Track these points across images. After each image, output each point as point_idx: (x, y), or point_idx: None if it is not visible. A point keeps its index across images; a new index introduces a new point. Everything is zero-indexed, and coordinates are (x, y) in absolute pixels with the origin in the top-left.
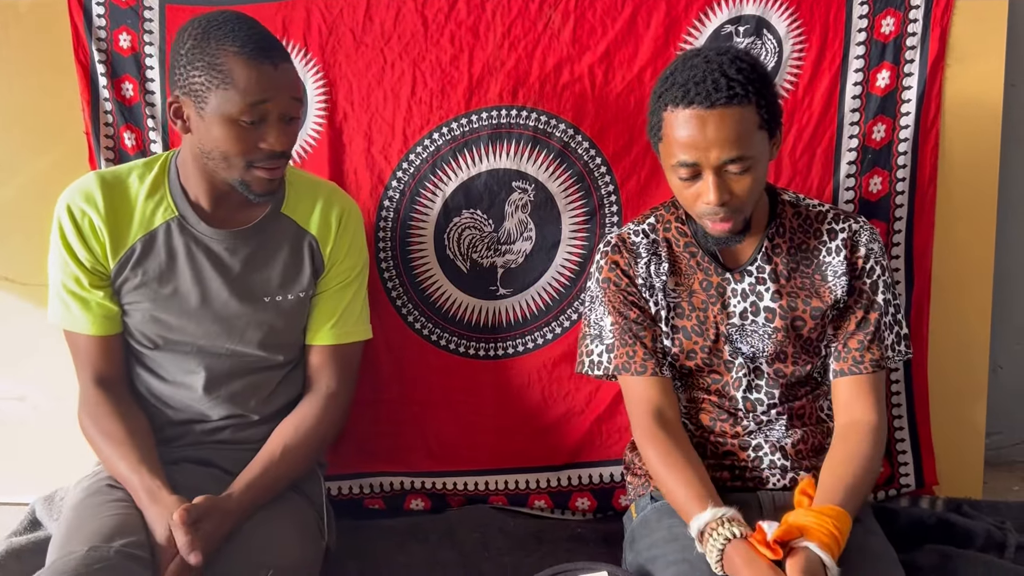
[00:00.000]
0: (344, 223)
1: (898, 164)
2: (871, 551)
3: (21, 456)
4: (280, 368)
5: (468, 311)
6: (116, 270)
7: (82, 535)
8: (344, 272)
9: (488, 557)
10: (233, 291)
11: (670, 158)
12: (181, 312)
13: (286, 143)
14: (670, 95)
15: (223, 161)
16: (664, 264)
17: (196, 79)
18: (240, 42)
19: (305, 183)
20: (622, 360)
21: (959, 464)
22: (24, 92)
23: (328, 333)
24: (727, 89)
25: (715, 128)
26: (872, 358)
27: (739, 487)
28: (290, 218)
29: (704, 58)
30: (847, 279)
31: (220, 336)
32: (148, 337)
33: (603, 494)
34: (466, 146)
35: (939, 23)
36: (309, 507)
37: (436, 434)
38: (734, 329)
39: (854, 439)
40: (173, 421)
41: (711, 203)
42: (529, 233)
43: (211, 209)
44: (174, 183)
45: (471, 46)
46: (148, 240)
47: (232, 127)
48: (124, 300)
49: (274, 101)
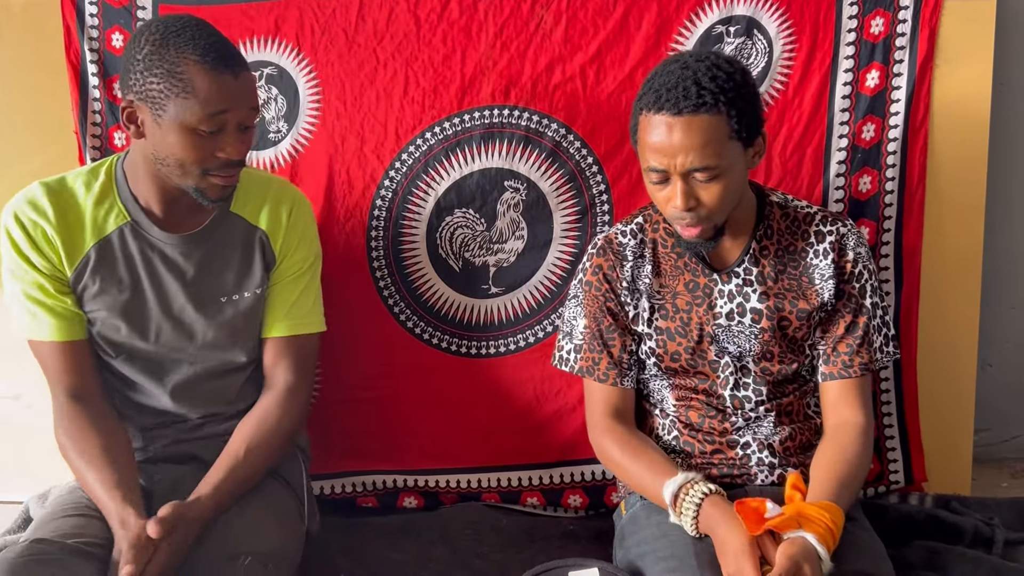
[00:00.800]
0: (294, 216)
1: (887, 164)
2: (861, 546)
3: (15, 455)
4: (243, 369)
5: (460, 310)
6: (74, 278)
7: (32, 532)
8: (296, 264)
9: (481, 554)
10: (190, 295)
11: (643, 161)
12: (141, 317)
13: (243, 151)
14: (646, 99)
15: (178, 168)
16: (648, 266)
17: (154, 86)
18: (201, 51)
19: (253, 180)
20: (587, 364)
21: (948, 461)
22: (17, 92)
23: (281, 325)
24: (696, 97)
25: (681, 135)
26: (861, 362)
27: (727, 483)
28: (239, 216)
29: (682, 64)
30: (834, 282)
31: (181, 340)
32: (112, 344)
33: (595, 491)
34: (458, 145)
35: (928, 23)
36: (289, 493)
37: (429, 432)
38: (720, 329)
39: (844, 439)
40: (147, 425)
41: (678, 208)
42: (521, 232)
43: (162, 213)
44: (123, 188)
45: (463, 46)
46: (103, 246)
47: (189, 135)
48: (85, 308)
49: (233, 111)
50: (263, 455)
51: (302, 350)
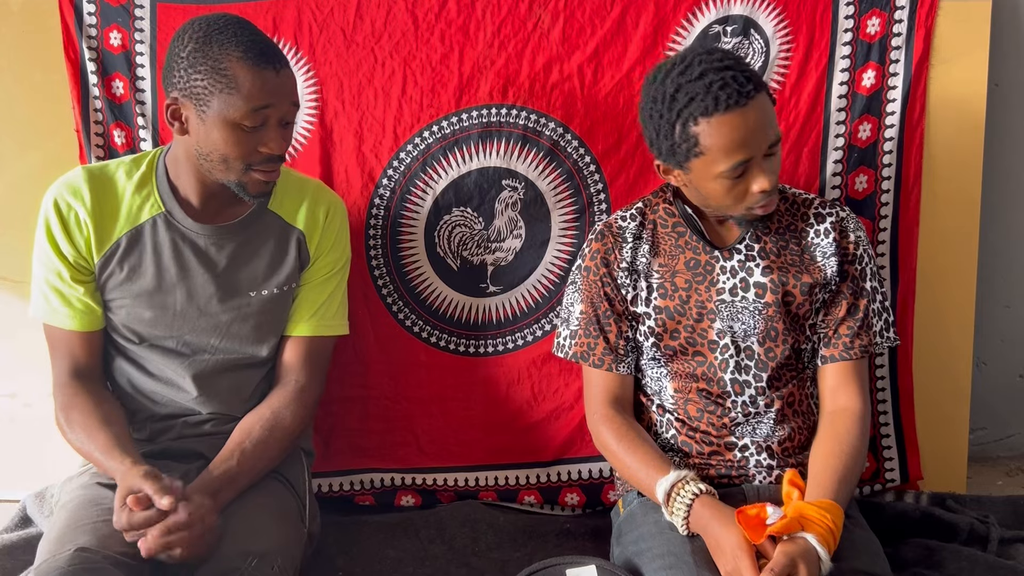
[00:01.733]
0: (331, 217)
1: (883, 163)
2: (858, 544)
3: (12, 453)
4: (263, 365)
5: (458, 308)
6: (100, 264)
7: (73, 537)
8: (328, 265)
9: (478, 552)
10: (219, 286)
11: (716, 166)
12: (166, 307)
13: (284, 147)
14: (697, 108)
15: (222, 163)
16: (646, 246)
17: (198, 82)
18: (244, 47)
19: (292, 180)
20: (582, 349)
21: (943, 459)
22: (15, 89)
23: (307, 325)
24: (747, 81)
25: (755, 117)
26: (861, 344)
27: (725, 484)
28: (276, 214)
29: (700, 63)
30: (837, 260)
31: (206, 331)
32: (134, 332)
33: (592, 490)
34: (456, 144)
35: (924, 24)
36: (291, 494)
37: (426, 430)
38: (724, 306)
39: (842, 429)
40: (157, 415)
41: (766, 188)
42: (519, 231)
43: (200, 206)
44: (162, 180)
45: (461, 45)
46: (134, 235)
47: (234, 131)
48: (108, 295)
49: (275, 106)
50: (267, 451)
51: (320, 352)
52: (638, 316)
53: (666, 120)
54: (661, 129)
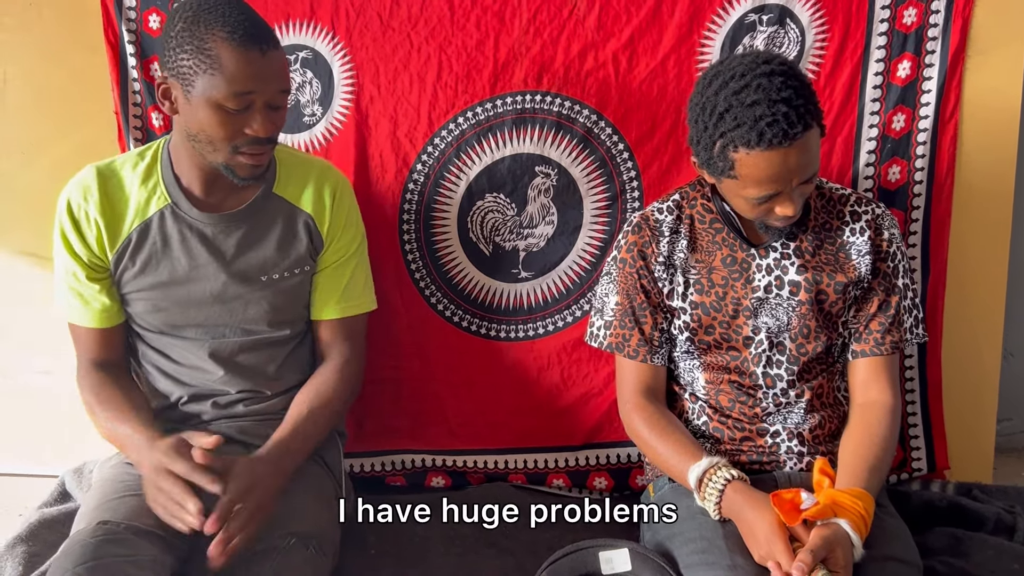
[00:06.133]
0: (338, 199)
1: (917, 154)
2: (889, 532)
3: (51, 430)
4: (287, 343)
5: (490, 293)
6: (115, 260)
7: (99, 514)
8: (344, 247)
9: (507, 533)
10: (230, 273)
11: (745, 191)
12: (180, 298)
13: (271, 130)
14: (740, 137)
15: (208, 144)
16: (684, 240)
17: (184, 62)
18: (230, 27)
19: (296, 162)
20: (616, 340)
21: (970, 449)
22: (55, 73)
23: (334, 308)
24: (798, 121)
25: (796, 158)
26: (892, 340)
27: (756, 470)
28: (282, 197)
29: (758, 89)
30: (871, 258)
31: (222, 318)
32: (152, 323)
33: (620, 474)
34: (490, 130)
35: (961, 14)
36: (328, 475)
37: (457, 413)
38: (759, 302)
39: (873, 419)
40: (187, 397)
41: (789, 214)
42: (551, 217)
43: (203, 194)
44: (166, 170)
45: (497, 31)
46: (143, 229)
47: (217, 112)
48: (126, 290)
49: (260, 91)
50: (324, 417)
51: (355, 328)
52: (673, 310)
53: (709, 135)
54: (703, 140)
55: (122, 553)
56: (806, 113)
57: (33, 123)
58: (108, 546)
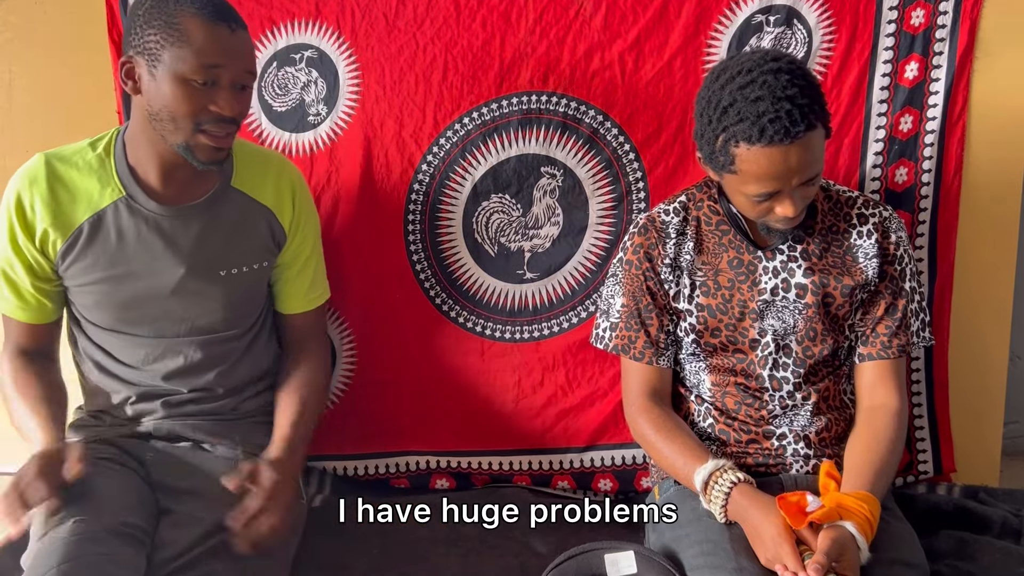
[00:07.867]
0: (299, 193)
1: (924, 155)
2: (896, 535)
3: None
4: (239, 339)
5: (495, 294)
6: (62, 252)
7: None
8: (307, 243)
9: (511, 536)
10: (188, 267)
11: (745, 187)
12: (135, 293)
13: (236, 109)
14: (742, 132)
15: (171, 122)
16: (690, 243)
17: (151, 37)
18: (199, 4)
19: (253, 154)
20: (622, 342)
21: (977, 452)
22: (61, 71)
23: (303, 301)
24: (802, 120)
25: (797, 157)
26: (899, 343)
27: (762, 472)
28: (240, 191)
29: (762, 84)
30: (878, 262)
31: (177, 313)
32: (102, 319)
33: (625, 476)
34: (496, 131)
35: (969, 16)
36: None
37: (462, 414)
38: (765, 305)
39: (879, 423)
40: (135, 397)
41: (789, 215)
42: (556, 218)
43: (160, 185)
44: (120, 161)
45: (503, 31)
46: (95, 221)
47: (183, 86)
48: (74, 283)
49: (227, 66)
50: (320, 405)
51: (321, 319)
52: (679, 312)
53: (712, 129)
54: (706, 134)
55: (103, 552)
56: (810, 112)
57: (38, 122)
58: (88, 544)
